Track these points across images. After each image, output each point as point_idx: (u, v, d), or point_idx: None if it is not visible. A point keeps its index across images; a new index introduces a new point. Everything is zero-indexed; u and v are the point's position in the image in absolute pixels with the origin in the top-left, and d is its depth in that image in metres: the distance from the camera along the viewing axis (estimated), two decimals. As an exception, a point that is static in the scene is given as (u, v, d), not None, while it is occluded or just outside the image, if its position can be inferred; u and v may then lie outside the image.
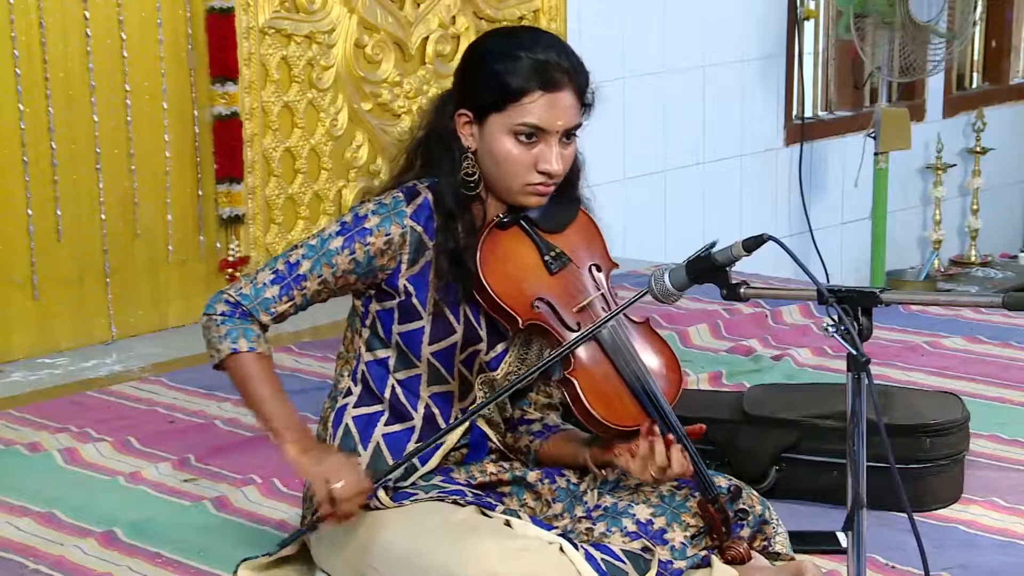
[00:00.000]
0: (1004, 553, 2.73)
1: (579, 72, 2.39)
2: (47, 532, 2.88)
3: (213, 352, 2.37)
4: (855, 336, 1.94)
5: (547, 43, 2.39)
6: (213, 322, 2.36)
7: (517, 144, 2.36)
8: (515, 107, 2.34)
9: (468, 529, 2.26)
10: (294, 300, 2.38)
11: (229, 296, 2.37)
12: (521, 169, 2.37)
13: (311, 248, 2.38)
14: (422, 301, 2.40)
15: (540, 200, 2.41)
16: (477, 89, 2.39)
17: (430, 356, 2.42)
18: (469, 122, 2.40)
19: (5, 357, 4.12)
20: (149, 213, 4.36)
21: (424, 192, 2.41)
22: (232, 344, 2.34)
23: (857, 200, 6.33)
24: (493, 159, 2.38)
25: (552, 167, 2.36)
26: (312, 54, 4.63)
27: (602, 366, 2.41)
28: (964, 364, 3.93)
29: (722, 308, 4.44)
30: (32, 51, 4.07)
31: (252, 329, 2.36)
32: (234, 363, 2.35)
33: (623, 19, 5.46)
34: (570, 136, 2.40)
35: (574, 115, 2.38)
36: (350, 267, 2.38)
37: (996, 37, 7.16)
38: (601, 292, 2.47)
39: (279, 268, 2.39)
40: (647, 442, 2.32)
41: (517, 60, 2.34)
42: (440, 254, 2.39)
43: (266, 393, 2.35)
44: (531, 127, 2.34)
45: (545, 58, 2.35)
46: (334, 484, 2.24)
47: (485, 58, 2.40)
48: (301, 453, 2.31)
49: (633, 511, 2.37)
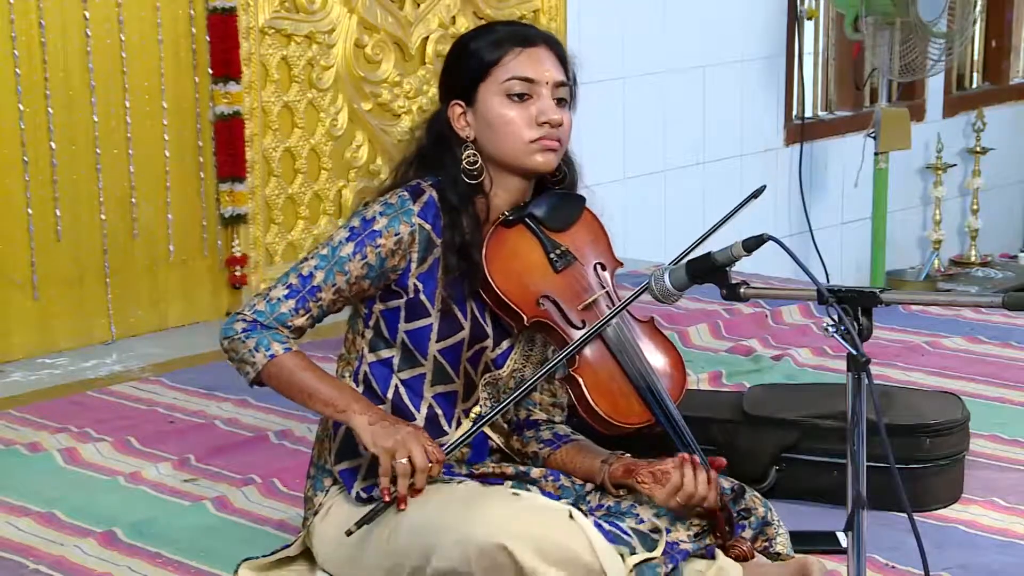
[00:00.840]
0: (1004, 553, 2.73)
1: (553, 39, 2.47)
2: (47, 532, 2.88)
3: (248, 368, 2.34)
4: (855, 336, 1.94)
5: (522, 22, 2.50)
6: (237, 341, 2.35)
7: (512, 104, 2.39)
8: (498, 68, 2.40)
9: (477, 495, 2.26)
10: (310, 312, 2.38)
11: (244, 315, 2.36)
12: (520, 127, 2.38)
13: (323, 258, 2.38)
14: (430, 298, 2.40)
15: (548, 157, 2.41)
16: (459, 72, 2.43)
17: (437, 354, 2.41)
18: (463, 111, 2.42)
19: (5, 357, 4.12)
20: (149, 213, 4.35)
21: (428, 190, 2.41)
22: (267, 352, 2.33)
23: (857, 200, 6.33)
24: (492, 129, 2.39)
25: (551, 116, 2.38)
26: (312, 54, 4.63)
27: (607, 364, 2.42)
28: (964, 364, 3.93)
29: (722, 308, 4.44)
30: (32, 51, 4.07)
31: (279, 333, 2.36)
32: (275, 367, 2.33)
33: (623, 19, 5.46)
34: (563, 101, 2.42)
35: (559, 72, 2.43)
36: (363, 272, 2.37)
37: (996, 37, 7.16)
38: (606, 290, 2.47)
39: (292, 282, 2.38)
40: (679, 473, 2.31)
41: (491, 32, 2.44)
42: (447, 250, 2.39)
43: (316, 379, 2.33)
44: (519, 79, 2.38)
45: (517, 27, 2.49)
46: (400, 459, 2.23)
47: (461, 45, 2.47)
48: (370, 424, 2.28)
49: (636, 511, 2.37)
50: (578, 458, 2.47)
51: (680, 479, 2.31)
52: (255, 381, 2.37)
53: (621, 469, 2.40)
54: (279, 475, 3.10)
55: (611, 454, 2.46)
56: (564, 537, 2.15)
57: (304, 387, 2.33)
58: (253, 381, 2.37)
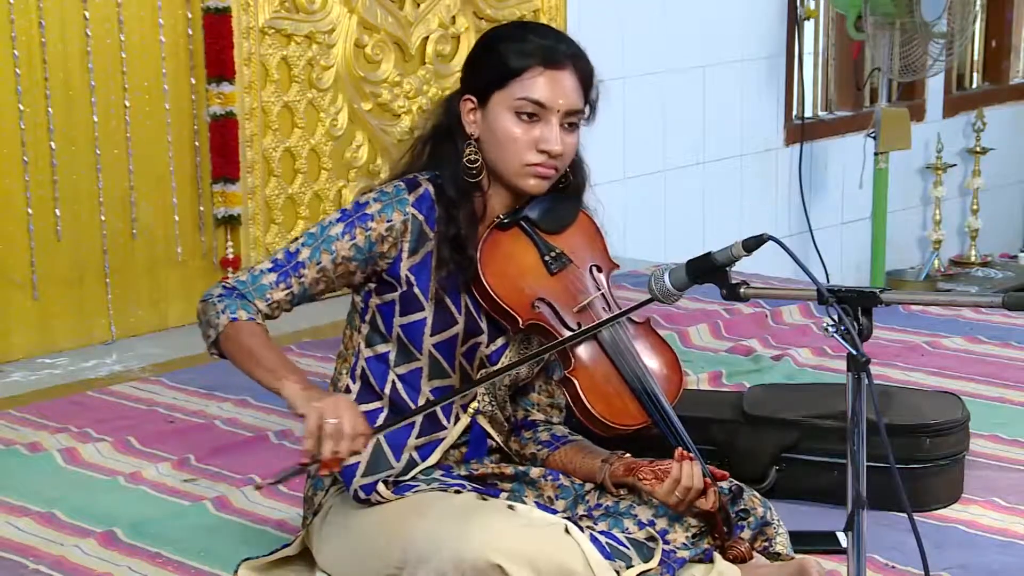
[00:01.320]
0: (1004, 553, 2.73)
1: (582, 60, 2.43)
2: (47, 532, 2.88)
3: (210, 330, 2.30)
4: (855, 336, 1.94)
5: (556, 33, 2.46)
6: (209, 304, 2.32)
7: (519, 122, 2.37)
8: (516, 82, 2.37)
9: (473, 509, 2.25)
10: (291, 288, 2.35)
11: (226, 282, 2.36)
12: (521, 148, 2.37)
13: (311, 236, 2.38)
14: (424, 291, 2.40)
15: (540, 183, 2.41)
16: (481, 70, 2.42)
17: (431, 348, 2.41)
18: (474, 108, 2.41)
19: (5, 357, 4.12)
20: (149, 213, 4.35)
21: (425, 184, 2.41)
22: (232, 315, 2.29)
23: (857, 200, 6.33)
24: (495, 140, 2.39)
25: (552, 147, 2.37)
26: (312, 54, 4.63)
27: (602, 366, 2.42)
28: (964, 364, 3.93)
29: (722, 308, 4.44)
30: (32, 51, 4.07)
31: (250, 305, 2.32)
32: (232, 330, 2.28)
33: (623, 19, 5.46)
34: (572, 125, 2.40)
35: (576, 98, 2.40)
36: (350, 253, 2.36)
37: (996, 37, 7.16)
38: (601, 292, 2.47)
39: (278, 257, 2.38)
40: (678, 466, 2.32)
41: (522, 40, 2.39)
42: (442, 243, 2.39)
43: (265, 347, 2.27)
44: (532, 102, 2.36)
45: (549, 40, 2.41)
46: (328, 419, 2.10)
47: (492, 41, 2.45)
48: (302, 391, 2.19)
49: (635, 511, 2.38)
50: (578, 458, 2.47)
51: (679, 471, 2.31)
52: (214, 344, 2.31)
53: (622, 468, 2.40)
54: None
55: (611, 453, 2.46)
56: (559, 554, 2.15)
57: (252, 352, 2.26)
58: (212, 344, 2.31)
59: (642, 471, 2.36)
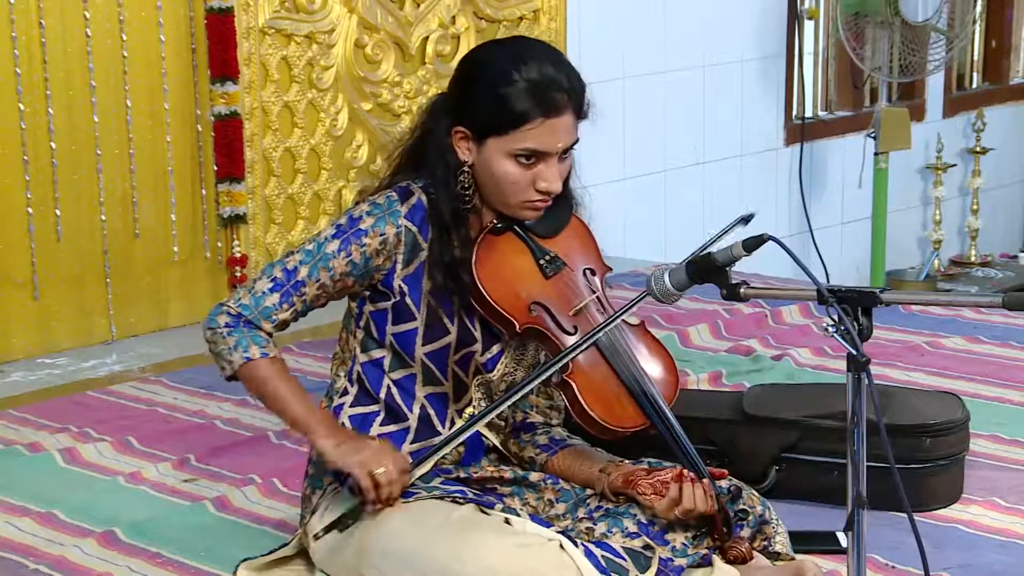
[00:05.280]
0: (1004, 553, 2.73)
1: (578, 90, 2.40)
2: (47, 532, 2.88)
3: (224, 364, 2.37)
4: (855, 336, 1.94)
5: (545, 60, 2.37)
6: (219, 335, 2.36)
7: (517, 165, 2.37)
8: (516, 133, 2.35)
9: (468, 526, 2.26)
10: (294, 307, 2.39)
11: (229, 308, 2.37)
12: (520, 188, 2.38)
13: (308, 253, 2.39)
14: (416, 302, 2.41)
15: (536, 214, 2.43)
16: (476, 111, 2.38)
17: (423, 357, 2.42)
18: (465, 138, 2.40)
19: (5, 357, 4.12)
20: (149, 213, 4.35)
21: (418, 192, 2.41)
22: (244, 353, 2.35)
23: (857, 200, 6.33)
24: (492, 178, 2.39)
25: (551, 187, 2.38)
26: (312, 54, 4.63)
27: (600, 368, 2.42)
28: (964, 364, 3.93)
29: (722, 308, 4.44)
30: (32, 51, 4.07)
31: (260, 336, 2.37)
32: (249, 371, 2.36)
33: (623, 19, 5.46)
34: (567, 151, 2.41)
35: (573, 135, 2.41)
36: (347, 270, 2.38)
37: (996, 37, 7.16)
38: (596, 295, 2.48)
39: (277, 276, 2.39)
40: (677, 486, 2.32)
41: (517, 84, 2.34)
42: (435, 267, 2.39)
43: (287, 393, 2.37)
44: (532, 152, 2.35)
45: (544, 79, 2.35)
46: (376, 470, 2.27)
47: (484, 78, 2.38)
48: (336, 446, 2.32)
49: (634, 511, 2.38)
50: (576, 465, 2.48)
51: (679, 493, 2.32)
52: (230, 378, 2.40)
53: (620, 479, 2.41)
54: (279, 475, 3.10)
55: (608, 462, 2.46)
56: (554, 572, 2.16)
57: (273, 398, 2.37)
58: (229, 378, 2.40)
59: (641, 485, 2.36)
